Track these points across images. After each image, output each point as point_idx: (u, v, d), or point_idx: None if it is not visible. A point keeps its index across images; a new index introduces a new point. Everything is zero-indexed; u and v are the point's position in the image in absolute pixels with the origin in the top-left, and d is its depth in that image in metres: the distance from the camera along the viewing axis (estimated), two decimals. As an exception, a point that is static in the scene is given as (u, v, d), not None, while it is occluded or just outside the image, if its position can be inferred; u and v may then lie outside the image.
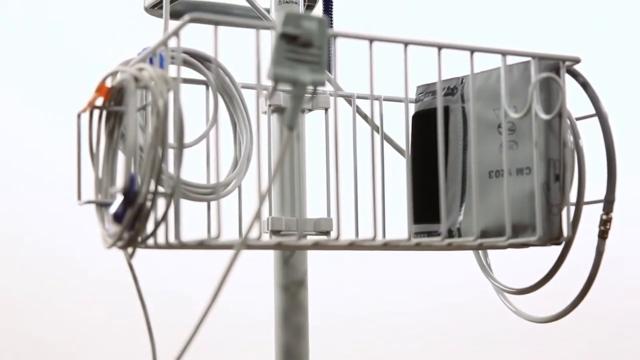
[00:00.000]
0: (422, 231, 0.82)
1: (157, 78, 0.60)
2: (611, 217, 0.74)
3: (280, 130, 0.82)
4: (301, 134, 0.85)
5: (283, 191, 0.84)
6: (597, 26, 1.91)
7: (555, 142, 0.71)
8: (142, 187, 0.58)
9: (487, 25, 1.86)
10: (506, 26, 1.87)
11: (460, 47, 0.67)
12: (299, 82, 0.55)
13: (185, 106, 0.65)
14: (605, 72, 1.76)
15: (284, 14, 0.55)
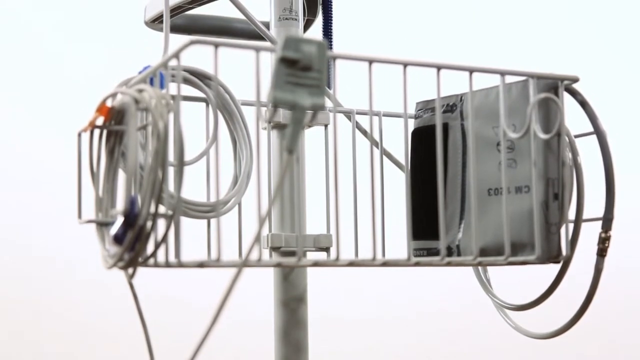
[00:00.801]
0: (421, 248, 0.83)
1: (158, 100, 0.61)
2: (610, 235, 0.74)
3: (281, 152, 0.83)
4: (301, 150, 0.85)
5: (283, 208, 0.84)
6: (596, 42, 1.91)
7: (554, 161, 0.71)
8: (143, 210, 0.59)
9: (486, 42, 1.86)
10: (505, 43, 1.87)
11: (459, 67, 0.67)
12: (299, 106, 0.56)
13: (185, 123, 0.66)
14: (604, 89, 1.78)
15: (283, 38, 0.56)
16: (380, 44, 1.81)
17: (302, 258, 0.63)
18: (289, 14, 0.86)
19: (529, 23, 1.90)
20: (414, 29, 1.85)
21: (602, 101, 0.80)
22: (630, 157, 1.79)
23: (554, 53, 1.88)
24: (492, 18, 1.90)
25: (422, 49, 1.82)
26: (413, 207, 0.80)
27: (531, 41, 1.89)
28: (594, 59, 1.90)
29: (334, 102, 0.83)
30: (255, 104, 0.59)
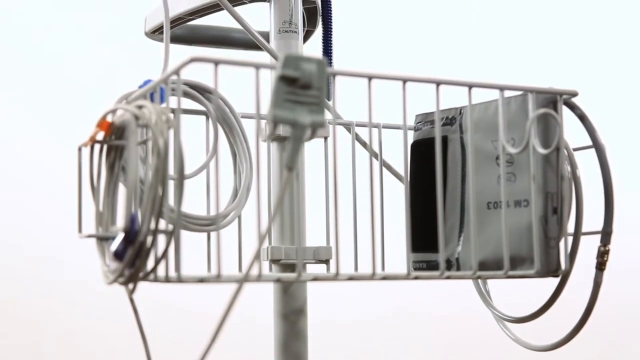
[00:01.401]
0: (421, 260, 0.83)
1: (158, 116, 0.61)
2: (609, 249, 0.74)
3: (281, 166, 0.83)
4: (300, 162, 0.85)
5: (283, 220, 0.84)
6: (596, 54, 1.92)
7: (553, 175, 0.72)
8: (143, 227, 0.59)
9: (485, 54, 1.87)
10: (505, 55, 1.87)
11: (458, 82, 0.68)
12: (299, 124, 0.56)
13: (185, 136, 0.66)
14: (603, 102, 1.78)
15: (283, 56, 0.56)
16: (380, 54, 1.81)
17: (302, 273, 0.63)
18: (288, 26, 0.87)
19: (528, 36, 1.91)
20: (414, 38, 1.86)
21: (601, 114, 0.81)
22: (630, 170, 1.80)
23: (553, 65, 1.88)
24: (491, 30, 1.90)
25: (421, 56, 1.82)
26: (412, 219, 0.80)
27: (530, 54, 1.89)
28: (594, 70, 1.90)
29: (334, 114, 0.83)
30: (255, 116, 0.59)
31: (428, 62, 1.82)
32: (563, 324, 0.80)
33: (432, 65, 1.81)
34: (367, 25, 1.82)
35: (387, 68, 1.81)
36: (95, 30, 1.74)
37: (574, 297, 0.79)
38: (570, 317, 0.79)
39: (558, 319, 0.84)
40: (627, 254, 1.55)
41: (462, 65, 1.82)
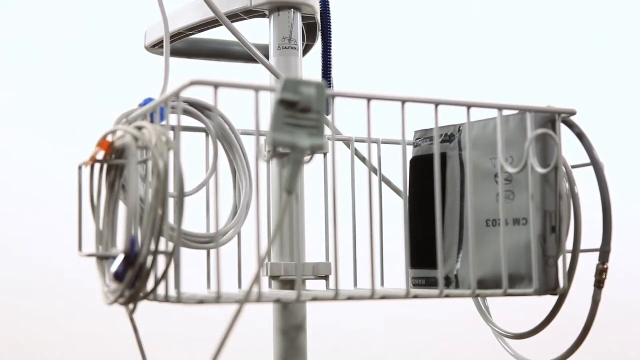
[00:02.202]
0: (420, 277, 0.83)
1: (158, 138, 0.61)
2: (607, 267, 0.75)
3: (281, 189, 0.83)
4: (300, 178, 0.86)
5: (282, 237, 0.84)
6: (595, 70, 1.92)
7: (552, 194, 0.72)
8: (143, 249, 0.59)
9: (484, 70, 1.86)
10: (503, 71, 1.87)
11: (457, 103, 0.68)
12: (298, 147, 0.56)
13: (185, 153, 0.66)
14: (602, 119, 1.78)
15: (282, 81, 0.56)
16: (379, 67, 1.81)
17: (301, 293, 0.63)
18: (288, 43, 0.87)
19: (527, 53, 1.90)
20: (413, 49, 1.86)
21: (600, 131, 0.81)
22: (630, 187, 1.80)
23: (551, 82, 1.88)
24: (490, 46, 1.89)
25: (420, 68, 1.82)
26: (412, 235, 0.80)
27: (529, 71, 1.89)
28: (592, 87, 1.90)
29: (333, 130, 0.84)
30: (254, 133, 0.60)
31: (427, 73, 1.81)
32: (563, 340, 0.80)
33: (431, 77, 1.81)
34: (366, 39, 1.82)
35: (386, 80, 1.81)
36: (96, 43, 1.74)
37: (574, 312, 0.79)
38: (569, 334, 0.79)
39: (558, 335, 0.84)
40: (626, 271, 1.55)
41: (461, 79, 1.82)
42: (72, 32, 1.74)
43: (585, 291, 0.76)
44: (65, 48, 1.74)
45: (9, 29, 1.72)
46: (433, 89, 1.78)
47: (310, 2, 0.88)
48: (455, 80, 1.81)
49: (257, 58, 0.85)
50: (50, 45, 1.74)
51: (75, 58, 1.74)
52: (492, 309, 0.90)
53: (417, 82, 1.77)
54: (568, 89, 1.85)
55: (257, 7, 0.87)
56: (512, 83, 1.84)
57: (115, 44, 1.72)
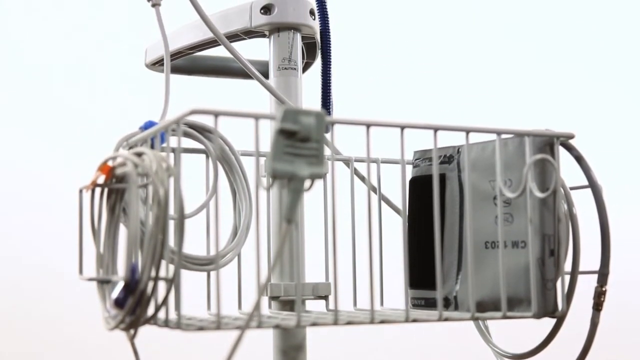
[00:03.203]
0: (419, 297, 0.83)
1: (158, 165, 0.62)
2: (605, 289, 0.75)
3: (280, 213, 0.83)
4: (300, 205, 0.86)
5: (282, 258, 0.84)
6: (594, 92, 1.92)
7: (550, 217, 0.72)
8: (143, 276, 0.59)
9: (483, 91, 1.86)
10: (502, 91, 1.87)
11: (456, 128, 0.68)
12: (297, 177, 0.57)
13: (185, 173, 0.67)
14: (601, 140, 1.78)
15: (282, 110, 0.57)
16: (378, 85, 1.80)
17: (300, 319, 0.64)
18: (287, 63, 0.87)
19: (525, 74, 1.90)
20: (412, 65, 1.85)
21: (598, 152, 0.81)
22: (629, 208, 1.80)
23: (550, 101, 1.88)
24: (489, 67, 1.89)
25: (419, 84, 1.82)
26: (411, 255, 0.81)
27: (527, 91, 1.89)
28: (592, 108, 1.90)
29: (332, 149, 0.84)
30: (254, 154, 0.60)
31: (426, 91, 1.81)
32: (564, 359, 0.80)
33: (430, 95, 1.80)
34: (365, 57, 1.82)
35: (385, 97, 1.80)
36: (97, 58, 1.74)
37: (573, 333, 0.79)
38: (569, 354, 0.79)
39: (557, 356, 0.84)
40: (625, 291, 1.55)
41: (460, 96, 1.81)
42: (72, 47, 1.74)
43: (584, 313, 0.76)
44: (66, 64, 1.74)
45: (10, 47, 1.72)
46: (432, 106, 1.78)
47: (310, 23, 0.88)
48: (454, 97, 1.81)
49: (257, 79, 0.85)
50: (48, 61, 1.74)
51: (76, 72, 1.74)
52: (491, 328, 0.90)
53: (416, 99, 1.77)
54: (567, 110, 1.85)
55: (257, 28, 0.88)
56: (511, 103, 1.84)
57: (116, 60, 1.72)
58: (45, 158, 1.70)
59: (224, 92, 1.27)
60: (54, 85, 1.72)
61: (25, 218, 1.68)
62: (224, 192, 0.81)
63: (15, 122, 1.70)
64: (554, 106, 1.88)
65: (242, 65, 0.85)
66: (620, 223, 0.86)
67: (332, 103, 0.93)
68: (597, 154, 0.82)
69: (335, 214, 0.66)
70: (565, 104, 1.89)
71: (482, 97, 1.84)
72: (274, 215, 0.86)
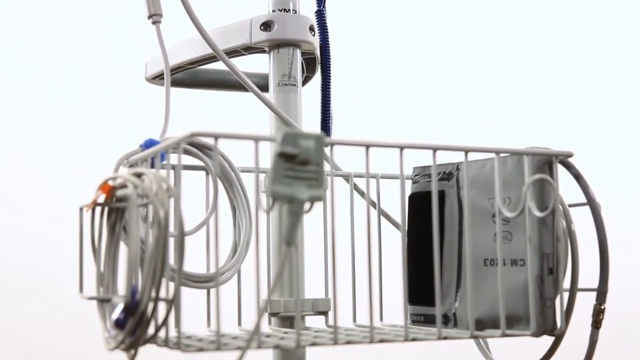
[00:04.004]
0: (418, 313, 0.84)
1: (158, 186, 0.62)
2: (604, 307, 0.75)
3: (280, 232, 0.84)
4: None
5: (281, 279, 0.85)
6: (593, 109, 1.92)
7: (549, 236, 0.73)
8: (143, 298, 0.60)
9: (483, 108, 1.86)
10: (501, 108, 1.87)
11: (455, 148, 0.69)
12: (297, 200, 0.57)
13: (185, 190, 0.67)
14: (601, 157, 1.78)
15: (282, 134, 0.57)
16: (378, 101, 1.80)
17: (300, 339, 0.64)
18: (287, 79, 0.88)
19: (524, 89, 1.90)
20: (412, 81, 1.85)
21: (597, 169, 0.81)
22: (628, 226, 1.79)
23: (549, 119, 1.88)
24: (488, 82, 1.89)
25: (417, 96, 1.81)
26: (410, 271, 0.81)
27: (525, 104, 1.88)
28: (591, 124, 1.90)
29: (332, 165, 0.84)
30: (254, 170, 0.60)
31: (425, 104, 1.81)
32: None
33: (429, 109, 1.80)
34: (365, 71, 1.82)
35: (384, 111, 1.79)
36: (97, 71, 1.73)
37: (572, 351, 0.79)
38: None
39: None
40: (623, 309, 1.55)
41: (459, 109, 1.81)
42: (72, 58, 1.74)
43: (583, 330, 0.77)
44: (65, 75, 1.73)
45: (10, 55, 1.72)
46: (432, 118, 1.77)
47: (310, 39, 0.89)
48: (453, 110, 1.81)
49: (257, 95, 0.86)
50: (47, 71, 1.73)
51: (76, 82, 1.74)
52: (491, 344, 0.90)
53: (415, 114, 1.77)
54: (565, 125, 1.85)
55: (256, 44, 0.88)
56: (509, 118, 1.84)
57: (116, 73, 1.72)
58: (45, 169, 1.70)
59: (224, 104, 1.27)
60: (53, 93, 1.72)
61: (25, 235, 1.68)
62: (223, 209, 0.81)
63: (13, 135, 1.70)
64: (552, 121, 1.88)
65: (242, 82, 0.86)
66: (618, 241, 0.86)
67: (331, 118, 0.93)
68: (595, 171, 0.83)
69: (335, 229, 0.66)
70: (564, 120, 1.89)
71: (481, 112, 1.84)
72: (274, 232, 0.86)
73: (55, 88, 1.72)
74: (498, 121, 1.83)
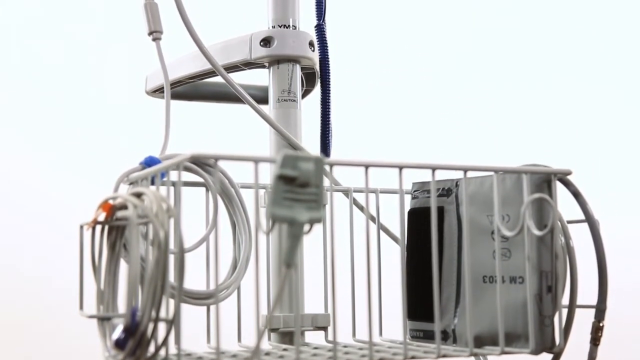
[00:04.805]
0: (418, 329, 0.84)
1: (158, 207, 0.62)
2: (603, 324, 0.75)
3: (279, 264, 0.84)
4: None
5: (281, 300, 0.85)
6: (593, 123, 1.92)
7: (548, 254, 0.73)
8: (144, 319, 0.60)
9: (481, 123, 1.86)
10: (501, 122, 1.87)
11: (454, 167, 0.69)
12: (297, 222, 0.57)
13: (185, 204, 0.67)
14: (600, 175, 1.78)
15: (281, 156, 0.57)
16: (378, 114, 1.80)
17: (299, 358, 0.64)
18: (287, 95, 0.88)
19: (523, 105, 1.90)
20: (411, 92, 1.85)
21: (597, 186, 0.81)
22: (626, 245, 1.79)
23: (548, 132, 1.88)
24: (488, 100, 1.89)
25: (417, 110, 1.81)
26: (410, 287, 0.81)
27: (523, 121, 1.88)
28: (591, 139, 1.90)
29: (331, 180, 0.85)
30: (253, 186, 0.60)
31: (424, 119, 1.81)
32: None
33: (428, 123, 1.80)
34: (365, 85, 1.82)
35: (384, 126, 1.78)
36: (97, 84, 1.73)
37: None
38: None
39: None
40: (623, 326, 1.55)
41: (458, 123, 1.81)
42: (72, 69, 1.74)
43: (582, 347, 0.77)
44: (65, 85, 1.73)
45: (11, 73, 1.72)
46: (431, 132, 1.77)
47: (309, 55, 0.89)
48: (453, 123, 1.81)
49: (257, 112, 0.86)
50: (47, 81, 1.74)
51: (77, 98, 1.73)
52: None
53: (414, 125, 1.77)
54: (566, 139, 1.85)
55: (256, 60, 0.88)
56: (508, 134, 1.84)
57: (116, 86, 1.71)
58: (44, 182, 1.70)
59: (225, 115, 1.27)
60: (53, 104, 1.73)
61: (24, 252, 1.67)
62: (223, 224, 0.81)
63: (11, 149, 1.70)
64: (551, 136, 1.88)
65: (242, 98, 0.86)
66: (617, 258, 0.86)
67: (331, 132, 0.93)
68: (594, 187, 0.83)
69: (334, 244, 0.66)
70: (563, 135, 1.89)
71: (480, 125, 1.84)
72: (274, 248, 0.86)
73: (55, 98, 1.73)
74: (496, 136, 1.83)
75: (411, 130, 1.76)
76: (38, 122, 1.70)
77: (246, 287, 0.82)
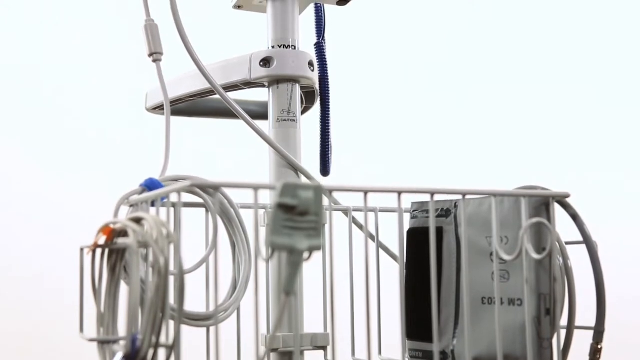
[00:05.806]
0: (417, 349, 0.84)
1: (158, 233, 0.62)
2: (601, 347, 0.76)
3: (279, 293, 0.84)
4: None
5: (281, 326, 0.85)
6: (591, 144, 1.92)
7: (546, 277, 0.73)
8: (144, 346, 0.60)
9: (480, 148, 1.86)
10: (499, 144, 1.87)
11: (452, 191, 0.69)
12: (296, 250, 0.57)
13: (184, 225, 0.67)
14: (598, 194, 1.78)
15: (281, 185, 0.57)
16: (378, 132, 1.80)
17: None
18: (287, 115, 0.88)
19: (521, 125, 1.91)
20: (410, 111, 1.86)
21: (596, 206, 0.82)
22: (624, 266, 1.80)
23: (546, 155, 1.88)
24: (487, 120, 1.89)
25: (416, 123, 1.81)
26: (409, 307, 0.81)
27: (522, 141, 1.89)
28: (588, 160, 1.91)
29: (331, 200, 0.85)
30: (253, 206, 0.61)
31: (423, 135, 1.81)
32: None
33: (426, 141, 1.80)
34: (365, 103, 1.83)
35: (384, 142, 1.78)
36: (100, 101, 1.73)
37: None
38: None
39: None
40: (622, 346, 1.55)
41: (457, 140, 1.81)
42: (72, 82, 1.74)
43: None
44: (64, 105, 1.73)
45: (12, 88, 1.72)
46: (430, 151, 1.78)
47: (309, 75, 0.89)
48: (452, 140, 1.81)
49: (254, 129, 0.86)
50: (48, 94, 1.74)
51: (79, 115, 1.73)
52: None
53: (413, 144, 1.77)
54: (563, 160, 1.86)
55: (256, 80, 0.89)
56: (507, 155, 1.84)
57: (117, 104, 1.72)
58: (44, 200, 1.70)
59: (224, 129, 1.27)
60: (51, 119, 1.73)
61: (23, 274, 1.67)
62: (223, 245, 0.81)
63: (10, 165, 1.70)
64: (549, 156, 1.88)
65: (237, 115, 0.86)
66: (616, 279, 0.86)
67: (331, 149, 0.94)
68: (592, 208, 0.83)
69: (334, 263, 0.66)
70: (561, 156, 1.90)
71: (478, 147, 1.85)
72: (274, 270, 0.87)
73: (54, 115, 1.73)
74: (494, 157, 1.83)
75: (411, 147, 1.76)
76: (38, 141, 1.70)
77: (246, 307, 0.82)
